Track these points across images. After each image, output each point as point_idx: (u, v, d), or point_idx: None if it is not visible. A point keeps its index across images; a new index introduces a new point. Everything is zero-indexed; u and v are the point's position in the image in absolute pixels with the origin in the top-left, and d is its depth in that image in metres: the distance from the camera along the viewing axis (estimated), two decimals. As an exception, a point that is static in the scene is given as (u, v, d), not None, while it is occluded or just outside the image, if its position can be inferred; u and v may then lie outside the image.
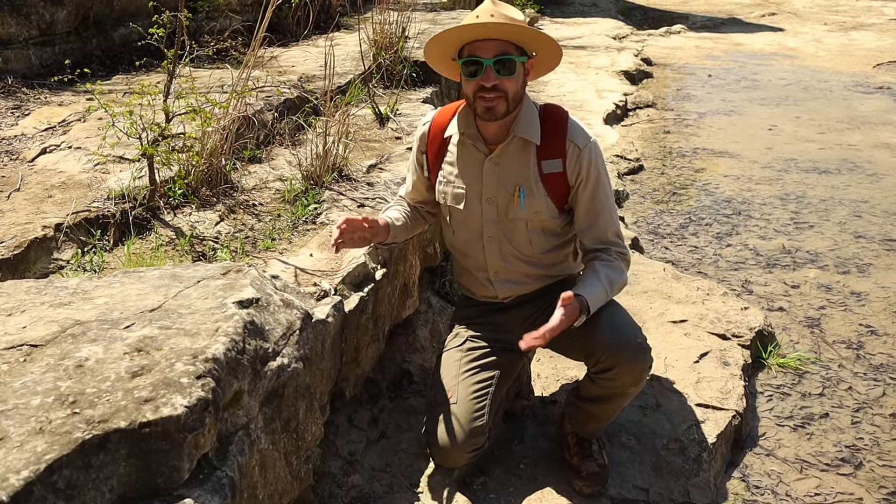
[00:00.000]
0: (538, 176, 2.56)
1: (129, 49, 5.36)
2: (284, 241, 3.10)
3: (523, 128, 2.53)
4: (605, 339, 2.48)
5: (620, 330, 2.51)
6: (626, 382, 2.53)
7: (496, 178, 2.57)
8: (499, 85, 2.42)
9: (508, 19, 2.39)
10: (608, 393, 2.58)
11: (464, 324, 2.82)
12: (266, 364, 2.16)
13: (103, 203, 3.12)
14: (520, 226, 2.61)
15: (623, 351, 2.47)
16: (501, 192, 2.58)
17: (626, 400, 2.63)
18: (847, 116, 7.61)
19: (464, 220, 2.67)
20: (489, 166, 2.57)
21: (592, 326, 2.50)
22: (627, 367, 2.49)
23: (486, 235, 2.65)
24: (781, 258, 4.68)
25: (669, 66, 9.74)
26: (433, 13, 7.44)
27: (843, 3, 14.84)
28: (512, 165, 2.57)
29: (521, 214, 2.58)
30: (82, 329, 2.08)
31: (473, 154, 2.60)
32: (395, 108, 4.63)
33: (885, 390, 3.48)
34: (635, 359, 2.49)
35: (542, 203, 2.58)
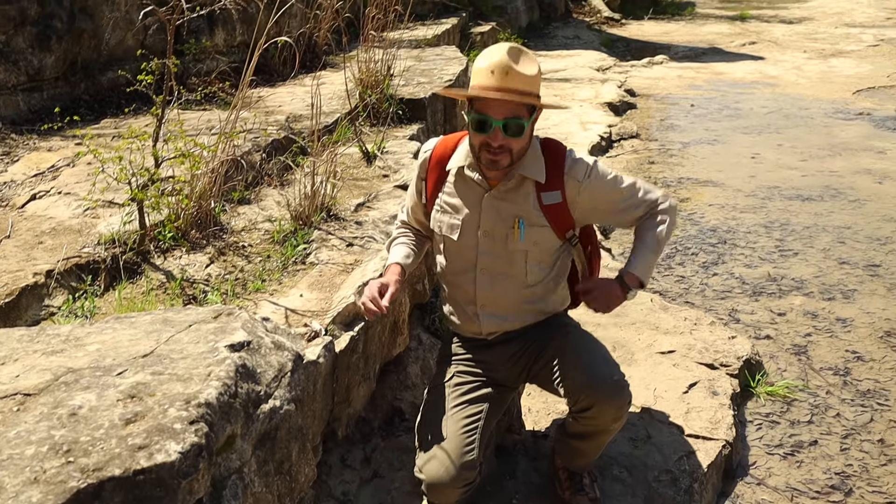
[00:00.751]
0: (538, 207, 2.59)
1: (117, 93, 5.40)
2: (274, 283, 3.12)
3: (528, 168, 2.57)
4: (582, 379, 2.52)
5: (597, 369, 2.55)
6: (607, 420, 2.56)
7: (496, 211, 2.60)
8: (505, 144, 2.46)
9: (522, 80, 2.40)
10: (591, 430, 2.61)
11: (450, 360, 2.83)
12: (258, 407, 2.18)
13: (94, 248, 3.15)
14: (518, 257, 2.64)
15: (600, 390, 2.50)
16: (500, 225, 2.61)
17: (610, 435, 2.66)
18: (828, 143, 7.71)
19: (458, 251, 2.69)
20: (489, 201, 2.60)
21: (569, 366, 2.55)
22: (606, 406, 2.52)
23: (480, 267, 2.67)
24: (767, 286, 4.73)
25: (652, 96, 9.85)
26: (418, 49, 7.52)
27: (822, 30, 15.05)
28: (511, 199, 2.60)
29: (521, 246, 2.61)
30: (75, 377, 2.09)
31: (473, 188, 2.63)
32: (381, 146, 4.67)
33: (872, 416, 3.51)
34: (613, 397, 2.52)
35: (543, 233, 2.62)
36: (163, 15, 3.06)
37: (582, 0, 16.82)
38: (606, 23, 15.80)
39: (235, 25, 6.35)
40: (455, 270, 2.74)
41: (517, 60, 2.42)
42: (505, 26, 12.09)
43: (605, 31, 15.02)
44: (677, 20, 17.07)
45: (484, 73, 2.42)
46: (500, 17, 12.36)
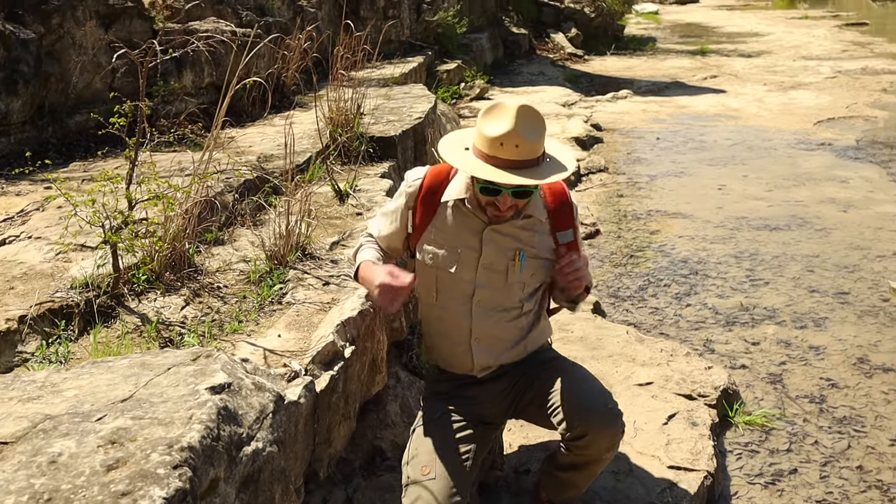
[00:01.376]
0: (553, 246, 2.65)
1: (86, 136, 5.36)
2: (252, 323, 3.10)
3: (531, 207, 2.61)
4: (577, 407, 2.52)
5: (592, 398, 2.55)
6: (601, 448, 2.56)
7: (496, 245, 2.61)
8: (514, 204, 2.51)
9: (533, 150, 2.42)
10: (584, 460, 2.60)
11: (437, 398, 2.82)
12: (241, 449, 2.15)
13: (67, 293, 3.10)
14: (516, 289, 2.65)
15: (595, 418, 2.50)
16: (501, 258, 2.62)
17: (603, 465, 2.66)
18: (792, 173, 7.84)
19: (453, 284, 2.67)
20: (490, 234, 2.61)
21: (563, 395, 2.54)
22: (601, 434, 2.52)
23: (476, 300, 2.66)
24: (740, 316, 4.78)
25: (618, 130, 9.97)
26: (386, 88, 7.56)
27: (781, 63, 15.35)
28: (511, 232, 2.61)
29: (521, 278, 2.63)
30: (53, 423, 2.05)
31: (472, 221, 2.63)
32: (354, 185, 4.68)
33: (850, 443, 3.54)
34: (607, 426, 2.53)
35: (540, 265, 2.65)
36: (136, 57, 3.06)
37: (545, 37, 17.03)
38: (570, 59, 15.99)
39: (204, 67, 6.35)
40: (447, 304, 2.71)
41: (525, 127, 2.41)
42: (471, 64, 12.20)
43: (569, 66, 15.20)
44: (639, 55, 17.33)
45: (493, 145, 2.42)
46: (466, 55, 12.47)
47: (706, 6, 32.03)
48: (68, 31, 5.32)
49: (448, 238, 2.66)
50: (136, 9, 5.91)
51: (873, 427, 3.65)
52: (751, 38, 20.11)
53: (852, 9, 27.93)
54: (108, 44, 5.63)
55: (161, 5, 6.51)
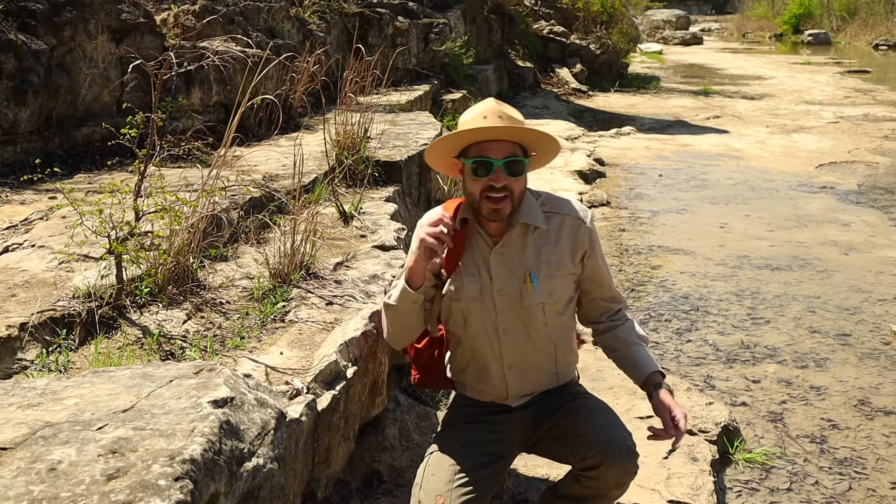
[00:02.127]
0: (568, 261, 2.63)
1: (92, 148, 5.37)
2: (253, 340, 3.08)
3: (527, 215, 2.59)
4: (596, 437, 2.49)
5: (611, 431, 2.54)
6: (610, 483, 2.53)
7: (505, 268, 2.59)
8: (507, 185, 2.48)
9: (516, 122, 2.47)
10: (589, 493, 2.57)
11: (458, 425, 2.75)
12: (242, 465, 2.12)
13: (69, 302, 3.08)
14: (537, 312, 2.61)
15: (612, 451, 2.48)
16: (512, 281, 2.59)
17: (607, 503, 2.62)
18: (794, 215, 7.85)
19: (479, 315, 2.63)
20: (496, 257, 2.59)
21: (582, 424, 2.52)
22: (614, 469, 2.49)
23: (502, 328, 2.62)
24: (741, 353, 4.76)
25: (621, 165, 10.00)
26: (392, 114, 7.58)
27: (783, 107, 15.45)
28: (517, 252, 2.59)
29: (537, 300, 2.59)
30: (53, 431, 2.03)
31: (479, 245, 2.62)
32: (359, 207, 4.67)
33: (850, 484, 3.51)
34: (622, 460, 2.50)
35: (556, 283, 2.61)
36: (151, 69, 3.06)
37: (550, 72, 17.15)
38: (574, 94, 16.10)
39: (212, 85, 6.37)
40: (478, 333, 2.66)
41: (505, 106, 2.52)
42: (476, 94, 12.24)
43: (573, 101, 15.29)
44: (642, 93, 17.44)
45: (476, 119, 2.48)
46: (471, 85, 12.54)
47: (709, 48, 32.31)
48: (80, 43, 5.34)
49: (464, 266, 2.63)
50: (147, 25, 5.93)
51: (874, 469, 3.62)
52: (754, 80, 20.25)
53: (854, 56, 28.17)
54: (118, 58, 5.65)
55: (172, 23, 6.55)
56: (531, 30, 17.83)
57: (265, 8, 7.84)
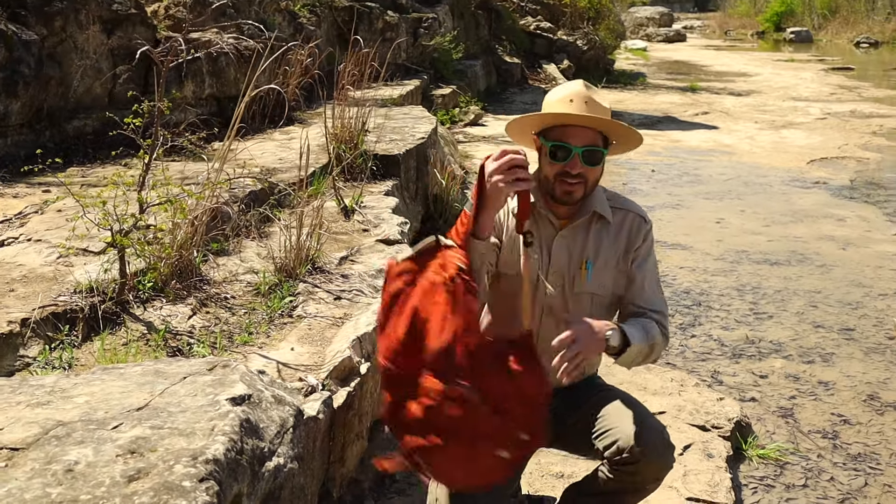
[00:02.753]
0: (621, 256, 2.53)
1: (83, 141, 5.26)
2: (262, 335, 2.99)
3: (599, 204, 2.52)
4: (633, 430, 2.41)
5: (649, 423, 2.46)
6: (648, 478, 2.46)
7: (566, 251, 2.52)
8: (582, 172, 2.40)
9: (601, 110, 2.39)
10: (624, 487, 2.49)
11: None
12: (263, 464, 2.04)
13: (70, 297, 2.98)
14: (584, 300, 2.54)
15: (650, 445, 2.40)
16: (569, 266, 2.52)
17: (641, 497, 2.55)
18: (789, 210, 7.82)
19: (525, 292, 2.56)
20: (560, 241, 2.52)
21: (617, 416, 2.44)
22: (652, 463, 2.42)
23: (546, 310, 2.55)
24: (746, 348, 4.70)
25: (613, 160, 9.92)
26: (385, 109, 7.48)
27: (771, 103, 15.45)
28: (581, 239, 2.52)
29: (588, 288, 2.52)
30: (66, 430, 1.94)
31: (545, 225, 2.54)
32: (359, 201, 4.59)
33: (866, 480, 3.46)
34: (662, 455, 2.44)
35: (610, 276, 2.53)
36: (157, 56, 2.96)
37: (537, 67, 17.08)
38: (562, 90, 16.01)
39: (205, 78, 6.26)
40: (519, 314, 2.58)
41: (594, 92, 2.43)
42: (465, 90, 12.19)
43: (561, 98, 15.20)
44: (629, 90, 17.40)
45: (562, 103, 2.40)
46: (461, 80, 12.46)
47: (693, 45, 32.37)
48: (71, 34, 5.22)
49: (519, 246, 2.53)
50: (139, 16, 5.82)
51: (889, 465, 3.57)
52: (739, 77, 20.27)
53: (836, 54, 28.30)
54: (109, 50, 5.54)
55: (163, 14, 6.43)
56: (518, 25, 17.74)
57: (256, 0, 7.73)
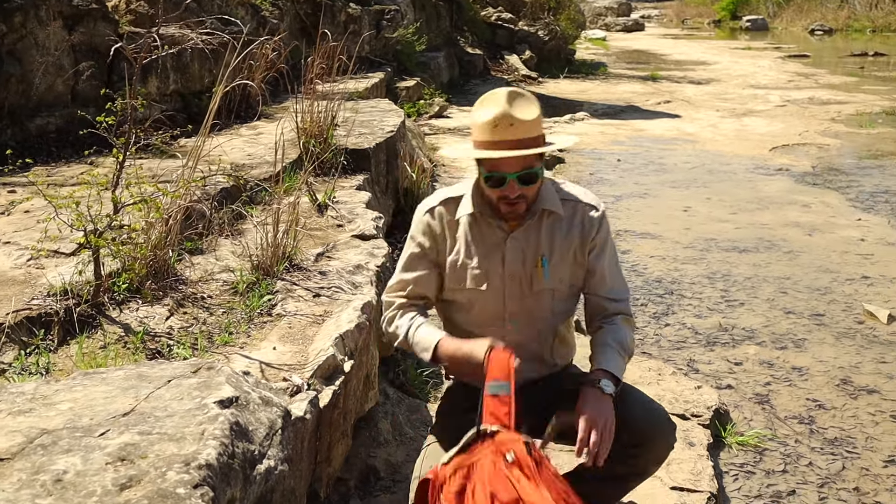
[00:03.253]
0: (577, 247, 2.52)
1: (47, 140, 5.15)
2: (242, 335, 2.95)
3: (545, 200, 2.49)
4: (638, 413, 2.42)
5: (651, 404, 2.51)
6: (651, 459, 2.48)
7: (519, 253, 2.49)
8: (522, 193, 2.38)
9: (528, 127, 2.31)
10: (627, 471, 2.50)
11: (456, 412, 2.64)
12: (254, 468, 2.01)
13: (44, 300, 2.91)
14: (545, 297, 2.52)
15: (656, 426, 2.44)
16: (524, 266, 2.50)
17: (642, 480, 2.57)
18: (754, 197, 7.90)
19: (484, 301, 2.53)
20: (512, 243, 2.49)
21: (622, 402, 2.43)
22: (658, 444, 2.45)
23: (509, 312, 2.53)
24: (720, 336, 4.75)
25: (578, 151, 9.97)
26: (352, 102, 7.41)
27: (731, 91, 15.60)
28: (532, 237, 2.50)
29: (547, 285, 2.50)
30: (52, 438, 1.89)
31: (492, 233, 2.51)
32: (332, 196, 4.54)
33: (844, 464, 3.50)
34: (666, 435, 2.47)
35: (567, 269, 2.52)
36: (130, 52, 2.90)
37: (500, 58, 17.08)
38: (524, 80, 16.05)
39: (169, 74, 6.16)
40: (482, 323, 2.55)
41: (517, 108, 2.33)
42: (429, 82, 12.14)
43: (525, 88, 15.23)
44: (591, 79, 17.47)
45: (487, 128, 2.33)
46: (424, 72, 12.41)
47: (651, 34, 32.59)
48: (31, 31, 5.11)
49: (473, 255, 2.52)
50: (100, 11, 5.71)
51: (865, 448, 3.62)
52: (698, 66, 20.43)
53: (792, 41, 28.65)
54: (71, 46, 5.43)
55: (124, 9, 6.32)
56: (479, 17, 17.73)
57: (218, -6, 7.62)
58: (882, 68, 19.87)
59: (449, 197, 2.58)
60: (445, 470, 2.12)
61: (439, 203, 2.57)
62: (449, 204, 2.57)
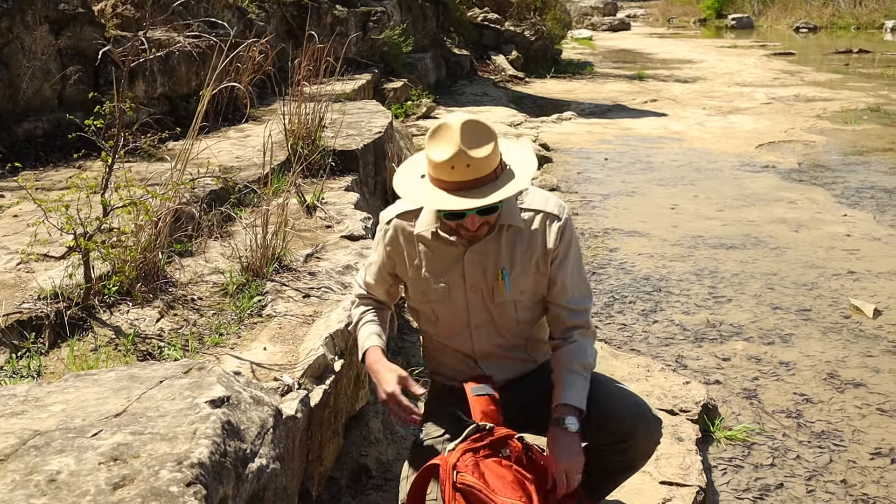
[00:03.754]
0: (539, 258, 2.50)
1: (35, 145, 5.15)
2: (233, 336, 2.96)
3: (506, 216, 2.47)
4: (623, 409, 2.44)
5: (635, 399, 2.52)
6: (638, 455, 2.50)
7: (479, 266, 2.49)
8: (483, 222, 2.38)
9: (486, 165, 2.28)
10: (614, 467, 2.53)
11: (441, 413, 2.66)
12: (247, 466, 2.02)
13: (34, 303, 2.92)
14: (508, 308, 2.52)
15: (641, 420, 2.45)
16: (485, 279, 2.49)
17: (629, 475, 2.60)
18: (741, 194, 7.95)
19: (449, 313, 2.55)
20: (471, 256, 2.48)
21: (603, 395, 2.45)
22: (644, 438, 2.47)
23: (474, 324, 2.54)
24: (708, 332, 4.78)
25: (566, 150, 10.02)
26: (339, 103, 7.43)
27: (717, 89, 15.68)
28: (492, 250, 2.49)
29: (508, 297, 2.50)
30: (45, 440, 1.91)
31: (451, 248, 2.50)
32: (320, 197, 4.56)
33: (831, 457, 3.54)
34: (652, 429, 2.49)
35: (529, 281, 2.51)
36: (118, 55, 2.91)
37: (486, 59, 17.12)
38: (511, 80, 16.09)
39: (157, 77, 6.17)
40: (448, 333, 2.58)
41: (473, 144, 2.27)
42: (416, 83, 12.16)
43: (511, 88, 15.28)
44: (578, 79, 17.53)
45: (444, 169, 2.28)
46: (411, 73, 12.42)
47: (637, 34, 32.70)
48: (17, 35, 5.11)
49: (434, 270, 2.52)
50: (86, 15, 5.71)
51: (852, 441, 3.66)
52: (685, 64, 20.52)
53: (777, 39, 28.77)
54: (58, 50, 5.43)
55: (111, 13, 6.32)
56: (466, 17, 17.76)
57: (205, -3, 7.63)
58: (867, 65, 20.00)
59: (407, 210, 2.56)
60: (451, 456, 2.25)
61: (396, 216, 2.56)
62: (407, 216, 2.55)
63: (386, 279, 2.66)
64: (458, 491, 2.22)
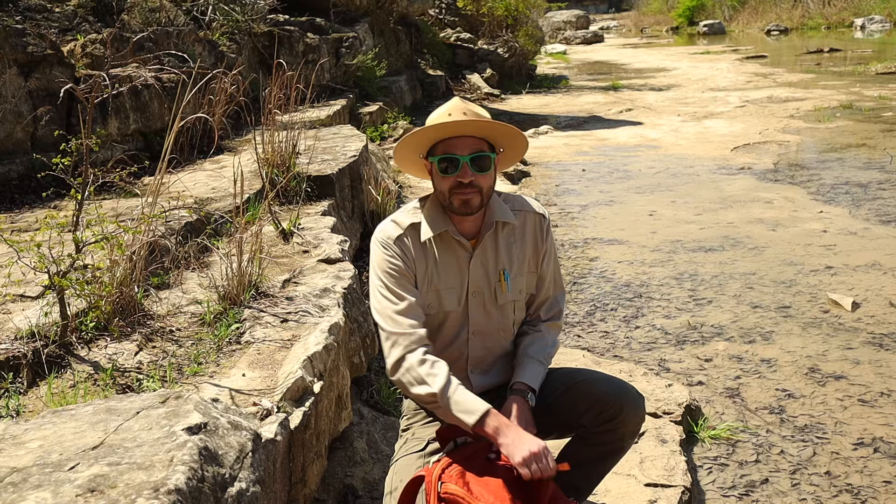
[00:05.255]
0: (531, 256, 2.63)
1: (10, 187, 5.15)
2: (212, 364, 2.97)
3: (499, 213, 2.58)
4: (610, 389, 2.54)
5: (617, 381, 2.61)
6: (626, 433, 2.55)
7: (482, 269, 2.57)
8: (475, 181, 2.46)
9: (480, 117, 2.47)
10: (603, 451, 2.57)
11: (420, 425, 2.69)
12: (226, 490, 2.04)
13: (11, 344, 2.93)
14: (507, 308, 2.62)
15: (627, 396, 2.53)
16: (487, 282, 2.58)
17: (618, 459, 2.63)
18: (718, 197, 8.02)
19: (453, 321, 2.60)
20: (475, 261, 2.57)
21: (587, 383, 2.55)
22: (631, 415, 2.53)
23: (472, 330, 2.60)
24: (689, 334, 4.81)
25: (544, 164, 10.08)
26: (314, 130, 7.48)
27: (691, 95, 15.82)
28: (492, 252, 2.59)
29: (510, 297, 2.60)
30: (22, 476, 1.91)
31: (457, 252, 2.57)
32: (296, 223, 4.58)
33: (814, 450, 3.57)
34: (638, 406, 2.55)
35: (524, 280, 2.63)
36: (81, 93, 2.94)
37: (461, 78, 17.22)
38: (487, 98, 16.19)
39: (129, 114, 6.18)
40: (444, 342, 2.62)
41: (470, 104, 2.51)
42: (391, 105, 12.22)
43: (488, 106, 15.36)
44: (553, 93, 17.66)
45: (442, 117, 2.46)
46: (386, 96, 12.49)
47: (611, 45, 32.97)
48: (-13, 79, 5.12)
49: (442, 279, 2.57)
50: (56, 56, 5.73)
51: (834, 433, 3.69)
52: (658, 73, 20.70)
53: (749, 43, 29.08)
54: (28, 92, 5.45)
55: (80, 53, 6.34)
56: (438, 38, 17.89)
57: (174, 32, 7.67)
58: (838, 63, 20.23)
59: (411, 223, 2.60)
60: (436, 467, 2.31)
61: (405, 229, 2.59)
62: (412, 230, 2.60)
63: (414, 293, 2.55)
64: (442, 501, 2.25)
